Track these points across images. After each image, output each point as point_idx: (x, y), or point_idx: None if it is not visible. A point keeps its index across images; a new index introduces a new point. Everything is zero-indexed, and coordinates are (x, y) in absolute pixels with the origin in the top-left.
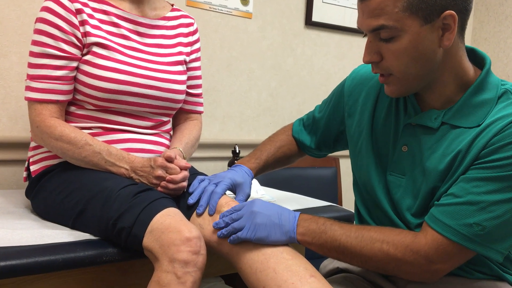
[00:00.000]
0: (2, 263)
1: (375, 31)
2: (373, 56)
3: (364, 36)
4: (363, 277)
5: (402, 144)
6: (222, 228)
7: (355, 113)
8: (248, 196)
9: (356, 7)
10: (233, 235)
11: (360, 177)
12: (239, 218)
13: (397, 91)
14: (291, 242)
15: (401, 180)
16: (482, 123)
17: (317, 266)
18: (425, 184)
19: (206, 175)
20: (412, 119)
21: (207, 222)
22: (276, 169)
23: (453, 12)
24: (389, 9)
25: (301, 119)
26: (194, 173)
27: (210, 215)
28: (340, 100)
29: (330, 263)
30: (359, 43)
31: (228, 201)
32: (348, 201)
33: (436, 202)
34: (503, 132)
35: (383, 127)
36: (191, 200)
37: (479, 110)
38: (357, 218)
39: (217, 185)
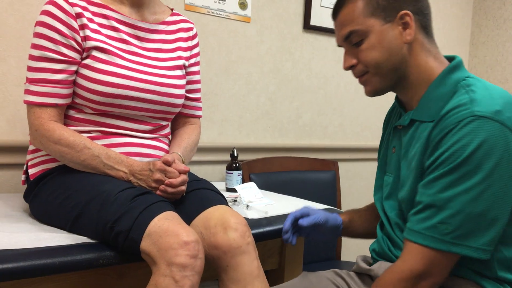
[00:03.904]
0: None
1: (347, 39)
2: (351, 61)
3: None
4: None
5: (392, 146)
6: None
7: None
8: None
9: None
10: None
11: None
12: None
13: (373, 88)
14: None
15: (390, 178)
16: (436, 117)
17: (311, 270)
18: (404, 180)
19: (205, 180)
20: (396, 122)
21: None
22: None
23: (408, 11)
24: (353, 17)
25: None
26: (194, 179)
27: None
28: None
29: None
30: None
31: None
32: (347, 205)
33: (409, 214)
34: (444, 122)
35: (387, 135)
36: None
37: (435, 104)
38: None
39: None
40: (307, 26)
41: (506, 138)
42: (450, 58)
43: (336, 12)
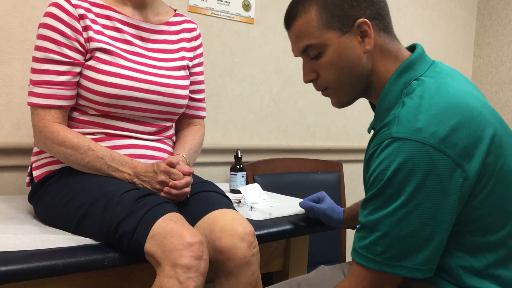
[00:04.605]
0: (3, 268)
1: (304, 52)
2: (310, 75)
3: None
4: None
5: None
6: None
7: None
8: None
9: None
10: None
11: None
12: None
13: (339, 101)
14: None
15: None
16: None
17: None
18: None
19: (210, 181)
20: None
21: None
22: None
23: (365, 19)
24: (309, 30)
25: None
26: (199, 182)
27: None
28: None
29: None
30: None
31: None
32: None
33: None
34: (373, 141)
35: None
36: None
37: (382, 113)
38: None
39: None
40: None
41: (429, 156)
42: (412, 48)
43: (288, 23)
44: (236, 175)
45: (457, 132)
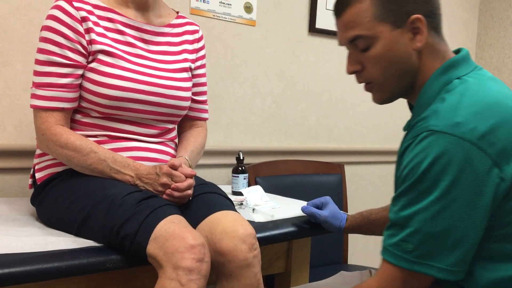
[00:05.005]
0: (6, 270)
1: (352, 42)
2: (355, 66)
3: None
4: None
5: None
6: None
7: None
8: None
9: None
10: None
11: None
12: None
13: (380, 97)
14: None
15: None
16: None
17: (317, 274)
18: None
19: (213, 183)
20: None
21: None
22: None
23: (419, 16)
24: (361, 20)
25: None
26: (201, 183)
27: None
28: None
29: None
30: None
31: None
32: (353, 208)
33: None
34: (408, 135)
35: None
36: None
37: (420, 109)
38: None
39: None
40: (313, 29)
41: (466, 152)
42: (457, 52)
43: (339, 10)
44: (238, 177)
45: (496, 131)
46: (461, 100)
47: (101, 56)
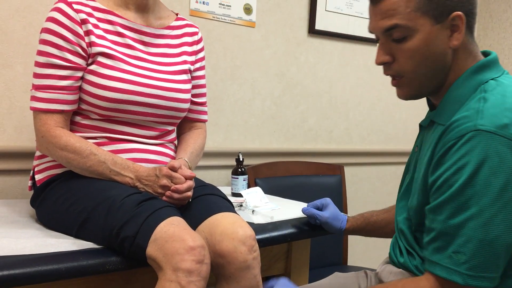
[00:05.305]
0: (5, 272)
1: (388, 31)
2: (386, 57)
3: (377, 41)
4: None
5: (415, 145)
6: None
7: None
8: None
9: (358, 15)
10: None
11: None
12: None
13: (408, 93)
14: None
15: (408, 177)
16: (447, 122)
17: (317, 276)
18: (415, 185)
19: (213, 185)
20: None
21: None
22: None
23: (461, 13)
24: (402, 10)
25: None
26: (201, 185)
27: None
28: None
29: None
30: (362, 51)
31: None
32: (353, 209)
33: (424, 241)
34: (448, 134)
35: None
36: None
37: (452, 106)
38: None
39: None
40: (312, 31)
41: None
42: (486, 55)
43: None
44: (237, 178)
45: None
46: (505, 101)
47: (100, 58)
